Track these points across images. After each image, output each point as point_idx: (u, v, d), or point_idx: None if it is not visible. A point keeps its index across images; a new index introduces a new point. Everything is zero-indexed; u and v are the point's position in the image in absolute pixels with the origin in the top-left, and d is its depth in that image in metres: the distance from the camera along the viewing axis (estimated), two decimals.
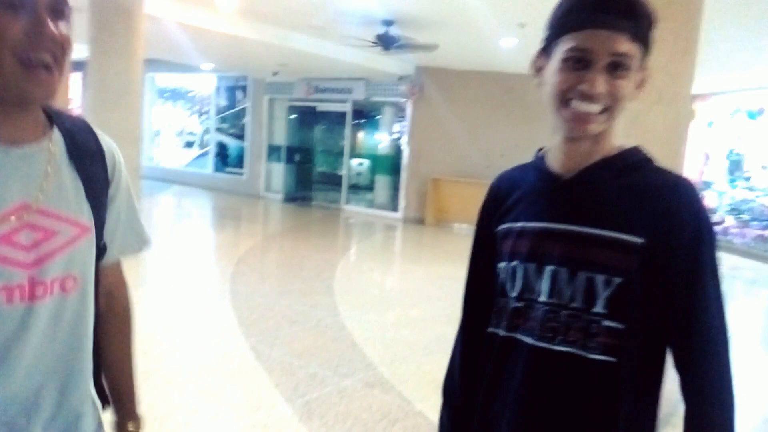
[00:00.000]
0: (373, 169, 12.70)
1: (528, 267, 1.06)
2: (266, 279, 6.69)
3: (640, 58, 1.00)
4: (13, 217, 0.87)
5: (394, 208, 11.73)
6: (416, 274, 7.31)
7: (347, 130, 12.50)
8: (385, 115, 12.56)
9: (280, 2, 6.77)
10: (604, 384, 0.99)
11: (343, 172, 12.60)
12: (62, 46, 0.84)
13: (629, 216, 0.98)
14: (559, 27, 1.01)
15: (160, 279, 6.07)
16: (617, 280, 0.98)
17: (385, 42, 7.51)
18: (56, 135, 0.95)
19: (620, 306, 0.98)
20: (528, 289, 1.06)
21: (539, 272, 1.04)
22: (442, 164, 10.88)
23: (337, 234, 10.56)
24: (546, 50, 1.04)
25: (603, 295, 0.98)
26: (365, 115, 12.94)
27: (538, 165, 1.12)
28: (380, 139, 12.85)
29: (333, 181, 12.94)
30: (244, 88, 13.80)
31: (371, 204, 12.45)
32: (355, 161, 12.81)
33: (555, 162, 1.08)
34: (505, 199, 1.15)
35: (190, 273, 6.54)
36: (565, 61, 0.98)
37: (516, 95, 10.42)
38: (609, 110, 0.99)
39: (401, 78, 10.99)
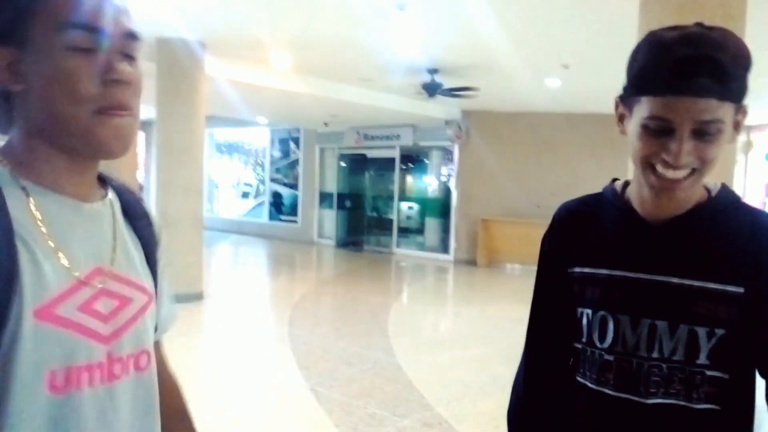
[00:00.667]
0: (423, 213, 12.83)
1: (620, 319, 1.00)
2: (322, 323, 6.84)
3: (734, 112, 0.91)
4: (91, 282, 0.77)
5: (445, 250, 11.78)
6: (470, 314, 7.30)
7: (396, 175, 12.76)
8: (433, 159, 12.78)
9: (330, 57, 7.14)
10: (709, 430, 0.98)
11: (394, 217, 12.79)
12: (134, 87, 0.78)
13: (727, 265, 0.96)
14: (636, 86, 0.93)
15: (221, 325, 6.31)
16: (720, 331, 0.95)
17: (430, 89, 7.77)
18: (112, 195, 0.87)
19: (723, 356, 0.96)
20: (621, 343, 1.00)
21: (634, 325, 0.99)
22: (492, 205, 10.92)
23: (390, 277, 10.66)
24: (626, 100, 0.97)
25: (706, 347, 0.96)
26: (413, 160, 13.19)
27: (618, 204, 1.05)
28: (429, 183, 13.04)
29: (383, 226, 13.14)
30: (296, 140, 14.36)
31: (422, 247, 12.54)
32: (404, 205, 13.00)
33: (640, 205, 1.02)
34: (577, 236, 1.08)
35: (250, 319, 6.75)
36: (645, 127, 0.91)
37: (563, 134, 10.46)
38: (697, 172, 0.92)
39: (447, 122, 11.22)
